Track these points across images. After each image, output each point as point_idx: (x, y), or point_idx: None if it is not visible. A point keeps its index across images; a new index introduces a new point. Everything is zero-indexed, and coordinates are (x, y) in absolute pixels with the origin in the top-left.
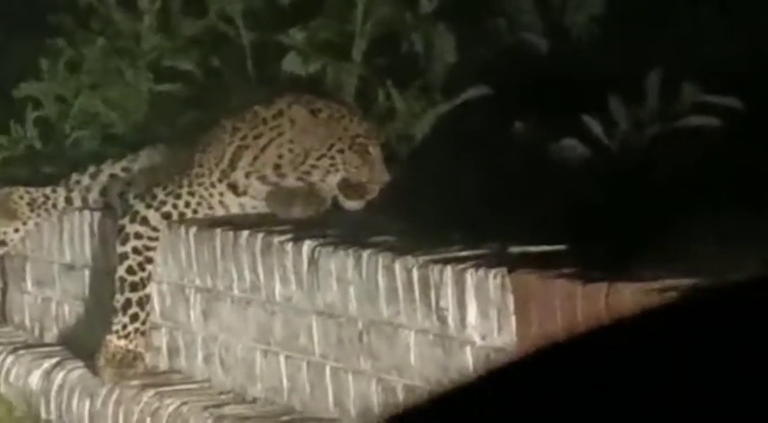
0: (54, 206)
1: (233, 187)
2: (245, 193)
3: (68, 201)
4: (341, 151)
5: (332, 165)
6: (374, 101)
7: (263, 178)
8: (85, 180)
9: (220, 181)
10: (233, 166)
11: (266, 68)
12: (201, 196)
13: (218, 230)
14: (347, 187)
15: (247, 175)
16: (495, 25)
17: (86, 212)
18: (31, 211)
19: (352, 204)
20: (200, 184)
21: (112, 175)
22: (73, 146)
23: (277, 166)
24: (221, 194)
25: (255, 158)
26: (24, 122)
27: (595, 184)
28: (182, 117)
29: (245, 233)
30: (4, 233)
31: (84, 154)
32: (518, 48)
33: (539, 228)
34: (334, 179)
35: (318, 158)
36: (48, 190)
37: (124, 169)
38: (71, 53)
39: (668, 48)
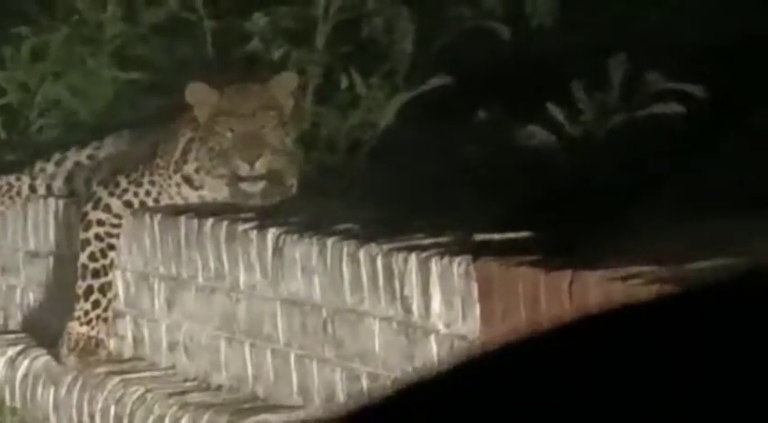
0: (18, 194)
1: (188, 180)
2: (201, 187)
3: (32, 188)
4: (209, 131)
5: (210, 147)
6: (337, 88)
7: (209, 172)
8: (50, 168)
9: (175, 173)
10: (184, 158)
11: (229, 55)
12: (161, 186)
13: (183, 218)
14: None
15: (197, 170)
16: (458, 12)
17: (51, 200)
18: None
19: (245, 185)
20: (159, 175)
21: (77, 163)
22: (36, 133)
23: (211, 157)
24: (178, 186)
25: (198, 152)
26: None
27: (559, 171)
28: (145, 104)
29: (210, 221)
30: None
31: (48, 141)
32: (480, 34)
33: (503, 215)
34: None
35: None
36: (12, 178)
37: (89, 157)
38: (34, 41)
39: (632, 35)
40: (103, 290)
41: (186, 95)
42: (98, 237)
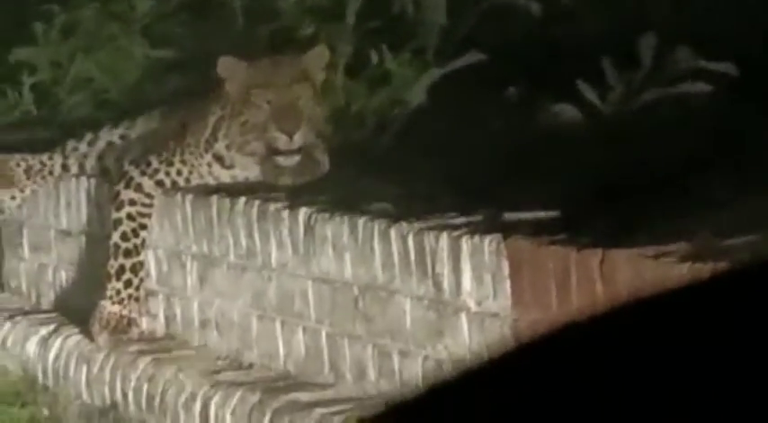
0: (50, 173)
1: (219, 159)
2: (232, 166)
3: (65, 167)
4: (245, 104)
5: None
6: (367, 64)
7: (240, 149)
8: (83, 147)
9: (206, 151)
10: (215, 136)
11: (259, 32)
12: (192, 166)
13: (215, 197)
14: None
15: (228, 148)
16: None
17: (83, 179)
18: (28, 178)
19: (281, 159)
20: (191, 154)
21: (110, 143)
22: (68, 111)
23: (242, 133)
24: (209, 165)
25: (229, 129)
26: (20, 87)
27: (589, 149)
28: (175, 82)
29: (242, 200)
30: (1, 201)
31: (79, 119)
32: (510, 11)
33: (533, 194)
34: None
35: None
36: (44, 157)
37: (121, 136)
38: (65, 18)
39: (663, 12)
40: (135, 269)
41: (218, 69)
42: (130, 216)
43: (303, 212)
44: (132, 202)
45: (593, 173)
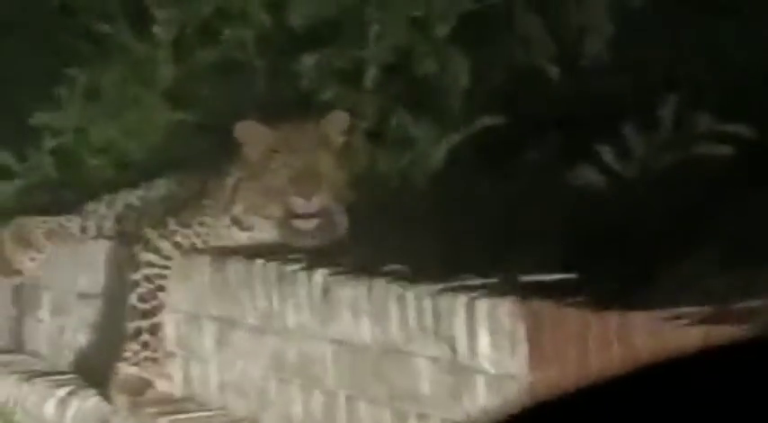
0: (70, 235)
1: (237, 222)
2: (250, 228)
3: (84, 229)
4: (252, 177)
5: (249, 189)
6: (388, 128)
7: (258, 212)
8: (101, 209)
9: (225, 214)
10: (233, 199)
11: (280, 95)
12: (211, 227)
13: (233, 259)
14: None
15: (245, 211)
16: (508, 51)
17: (102, 241)
18: (47, 239)
19: (299, 222)
20: (209, 216)
21: (128, 204)
22: (89, 174)
23: (263, 196)
24: (228, 228)
25: (247, 192)
26: (40, 150)
27: (609, 212)
28: (197, 145)
29: (259, 262)
30: (20, 262)
31: (102, 181)
32: (531, 73)
33: (552, 256)
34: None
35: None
36: (63, 219)
37: (140, 198)
38: (88, 81)
39: (683, 74)
40: (153, 331)
41: (236, 133)
42: (147, 278)
43: (320, 274)
44: (150, 264)
45: (612, 235)
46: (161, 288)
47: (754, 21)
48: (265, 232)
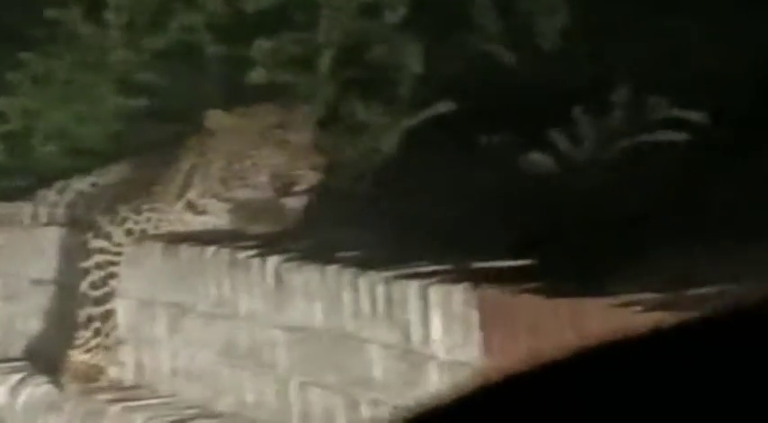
0: (20, 222)
1: (191, 207)
2: (204, 212)
3: (35, 216)
4: (256, 147)
5: (254, 164)
6: (341, 114)
7: (216, 196)
8: (52, 196)
9: (178, 199)
10: (187, 185)
11: (233, 81)
12: (162, 213)
13: (184, 246)
14: (279, 182)
15: (202, 195)
16: (462, 37)
17: (53, 228)
18: None
19: (292, 200)
20: (160, 202)
21: (80, 191)
22: (41, 160)
23: (222, 180)
24: (180, 213)
25: (204, 177)
26: None
27: (563, 198)
28: (149, 131)
29: (211, 249)
30: None
31: (53, 168)
32: (485, 60)
33: (506, 243)
34: (264, 177)
35: (240, 161)
36: (14, 206)
37: (92, 185)
38: (39, 66)
39: (636, 61)
40: (104, 318)
41: (208, 122)
42: (99, 265)
43: (272, 261)
44: (101, 251)
45: (565, 221)
46: (112, 275)
47: (710, 7)
48: (219, 218)
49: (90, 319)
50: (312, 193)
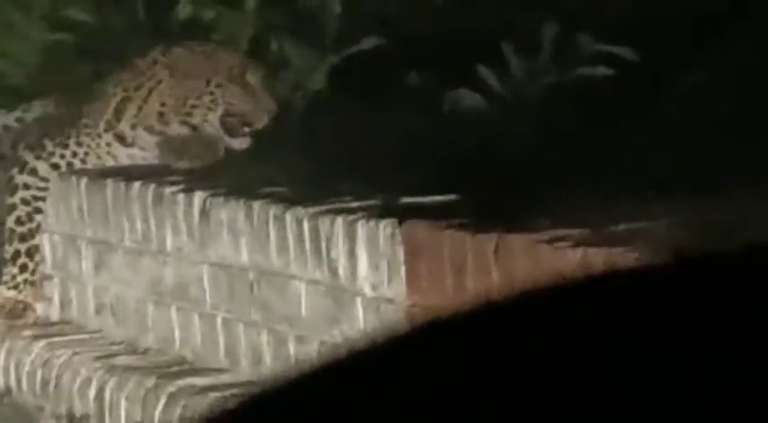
0: None
1: (120, 138)
2: (133, 144)
3: None
4: (219, 85)
5: (212, 100)
6: (268, 51)
7: (149, 129)
8: None
9: (106, 131)
10: (118, 117)
11: (159, 18)
12: (89, 147)
13: (110, 181)
14: (230, 122)
15: (133, 127)
16: None
17: None
18: None
19: (238, 141)
20: (87, 135)
21: (5, 126)
22: None
23: (161, 114)
24: (108, 145)
25: (139, 109)
26: None
27: (490, 134)
28: (75, 67)
29: (137, 184)
30: None
31: None
32: None
33: (431, 178)
34: (215, 116)
35: (198, 97)
36: None
37: (17, 120)
38: None
39: None
40: (30, 253)
41: (170, 59)
42: (24, 200)
43: (198, 196)
44: (27, 187)
45: (492, 158)
46: (38, 210)
47: None
48: (147, 151)
49: (16, 255)
50: (256, 135)
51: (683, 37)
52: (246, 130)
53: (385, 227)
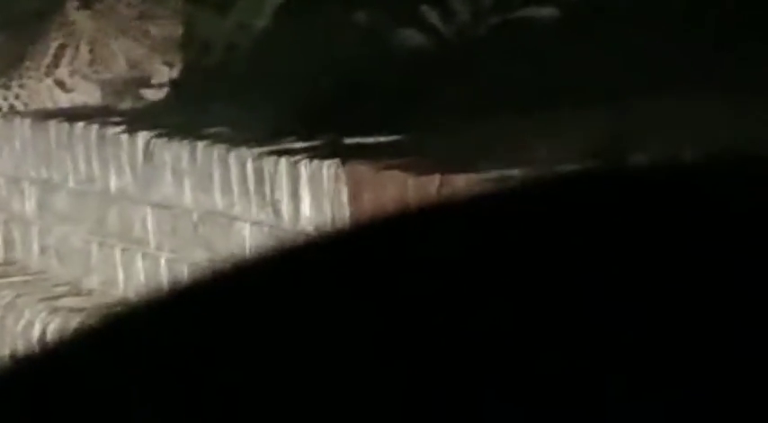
0: None
1: (60, 84)
2: (73, 90)
3: None
4: (115, 38)
5: (112, 53)
6: None
7: (86, 77)
8: None
9: (47, 76)
10: (56, 63)
11: None
12: (32, 89)
13: (53, 122)
14: (136, 74)
15: (71, 74)
16: None
17: None
18: None
19: (152, 92)
20: (29, 78)
21: None
22: None
23: (91, 63)
24: (49, 89)
25: (74, 58)
26: None
27: (431, 74)
28: (17, 6)
29: (80, 125)
30: None
31: None
32: None
33: (375, 118)
34: (120, 67)
35: (102, 49)
36: None
37: None
38: None
39: None
40: None
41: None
42: None
43: (142, 137)
44: None
45: (436, 97)
46: None
47: None
48: (88, 95)
49: None
50: (168, 87)
51: None
52: (153, 82)
53: (328, 167)
